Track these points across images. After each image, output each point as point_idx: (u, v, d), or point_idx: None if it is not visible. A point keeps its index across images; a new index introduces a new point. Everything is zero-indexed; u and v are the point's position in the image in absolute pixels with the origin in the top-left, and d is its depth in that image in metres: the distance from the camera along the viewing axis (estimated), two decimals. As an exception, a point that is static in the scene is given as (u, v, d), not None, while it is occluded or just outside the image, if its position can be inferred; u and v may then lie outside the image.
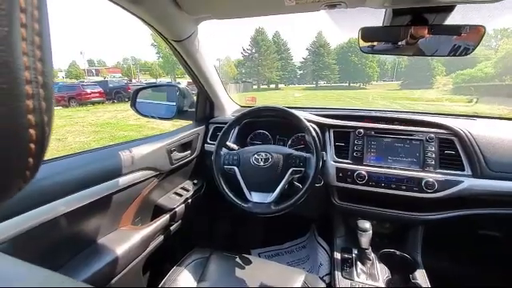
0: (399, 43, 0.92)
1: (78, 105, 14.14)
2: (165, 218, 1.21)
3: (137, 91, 1.50)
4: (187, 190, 1.39)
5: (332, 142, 1.27)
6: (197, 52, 1.14)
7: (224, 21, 0.98)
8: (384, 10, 0.85)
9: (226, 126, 1.17)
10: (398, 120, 1.26)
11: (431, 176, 1.08)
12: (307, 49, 37.79)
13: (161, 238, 1.21)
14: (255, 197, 1.06)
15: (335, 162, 1.23)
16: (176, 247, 1.27)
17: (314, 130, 1.24)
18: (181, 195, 1.34)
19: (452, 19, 0.83)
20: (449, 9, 0.78)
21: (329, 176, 1.22)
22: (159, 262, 1.20)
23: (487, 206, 1.08)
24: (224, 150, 1.19)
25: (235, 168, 1.11)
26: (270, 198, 1.03)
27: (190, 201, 1.37)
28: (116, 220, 1.04)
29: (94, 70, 59.04)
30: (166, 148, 1.21)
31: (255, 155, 1.10)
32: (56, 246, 0.79)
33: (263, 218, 1.96)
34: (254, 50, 36.35)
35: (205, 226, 1.79)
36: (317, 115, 1.34)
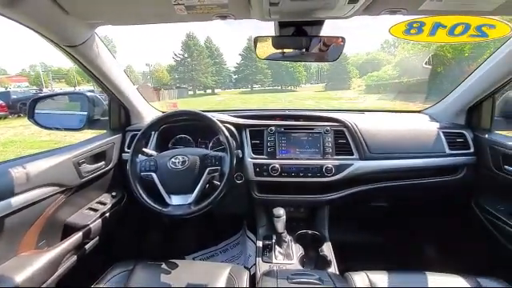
0: (295, 51, 1.07)
1: (-29, 123, 11.49)
2: (77, 236, 1.12)
3: (35, 101, 1.36)
4: (104, 204, 1.31)
5: (248, 141, 1.37)
6: (98, 57, 1.09)
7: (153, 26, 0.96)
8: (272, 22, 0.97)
9: (139, 133, 1.15)
10: (302, 117, 1.44)
11: (329, 162, 1.28)
12: (240, 54, 38.72)
13: (74, 258, 1.11)
14: (175, 200, 1.07)
15: (252, 158, 1.33)
16: (95, 265, 1.18)
17: (229, 130, 1.32)
18: (96, 210, 1.25)
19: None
20: (321, 22, 0.94)
21: (247, 172, 1.32)
22: (74, 284, 1.10)
23: (373, 182, 1.34)
24: (141, 157, 1.17)
25: (153, 174, 1.10)
26: (190, 198, 1.06)
27: (108, 215, 1.29)
28: (12, 246, 0.92)
29: (-11, 81, 48.64)
30: (72, 161, 1.12)
31: (172, 159, 1.12)
32: None
33: (196, 221, 1.96)
34: (186, 55, 35.37)
35: (131, 239, 1.70)
36: (234, 116, 1.43)
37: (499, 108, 1.29)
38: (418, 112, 1.63)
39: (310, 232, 1.35)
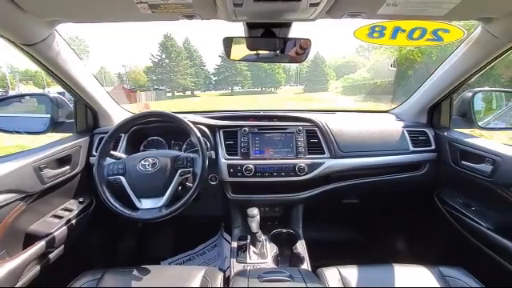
0: (264, 52, 1.08)
1: None
2: (40, 244, 1.06)
3: (-8, 103, 1.28)
4: (70, 210, 1.25)
5: (222, 141, 1.37)
6: (59, 56, 1.04)
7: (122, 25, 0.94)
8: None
9: (106, 136, 1.11)
10: (276, 117, 1.46)
11: (302, 161, 1.31)
12: (220, 56, 38.42)
13: (37, 268, 1.05)
14: (145, 203, 1.04)
15: (226, 159, 1.33)
16: (61, 275, 1.12)
17: (202, 131, 1.31)
18: (61, 217, 1.19)
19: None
20: (288, 24, 0.96)
21: (222, 173, 1.32)
22: None
23: (344, 180, 1.38)
24: (109, 160, 1.13)
25: (121, 177, 1.07)
26: (161, 201, 1.03)
27: (74, 222, 1.23)
28: None
29: None
30: (32, 166, 1.05)
31: (142, 161, 1.09)
32: None
33: (173, 225, 1.93)
34: (163, 56, 34.52)
35: (101, 247, 1.63)
36: (208, 117, 1.42)
37: (456, 107, 1.39)
38: (386, 112, 1.71)
39: (284, 231, 1.37)
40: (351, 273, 0.98)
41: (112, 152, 1.16)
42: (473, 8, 0.81)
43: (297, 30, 1.00)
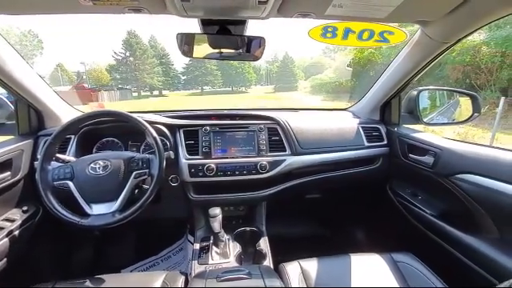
0: (218, 50, 1.07)
1: None
2: None
3: None
4: (12, 221, 1.13)
5: (183, 141, 1.33)
6: None
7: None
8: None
9: (51, 137, 1.03)
10: (238, 116, 1.46)
11: (264, 159, 1.32)
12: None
13: None
14: (97, 209, 0.98)
15: (187, 159, 1.29)
16: None
17: (160, 130, 1.27)
18: (2, 228, 1.08)
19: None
20: (243, 22, 0.96)
21: (182, 173, 1.28)
22: None
23: (305, 176, 1.42)
24: (54, 164, 1.05)
25: (68, 182, 0.99)
26: (115, 206, 0.98)
27: (17, 233, 1.12)
28: None
29: None
30: None
31: (91, 164, 1.02)
32: None
33: (135, 230, 1.84)
34: (128, 54, 32.77)
35: (53, 258, 1.50)
36: (167, 117, 1.37)
37: (405, 105, 1.49)
38: (343, 110, 1.80)
39: (248, 229, 1.37)
40: (311, 265, 1.02)
41: (58, 155, 1.08)
42: (410, 11, 0.88)
43: (255, 29, 1.01)
